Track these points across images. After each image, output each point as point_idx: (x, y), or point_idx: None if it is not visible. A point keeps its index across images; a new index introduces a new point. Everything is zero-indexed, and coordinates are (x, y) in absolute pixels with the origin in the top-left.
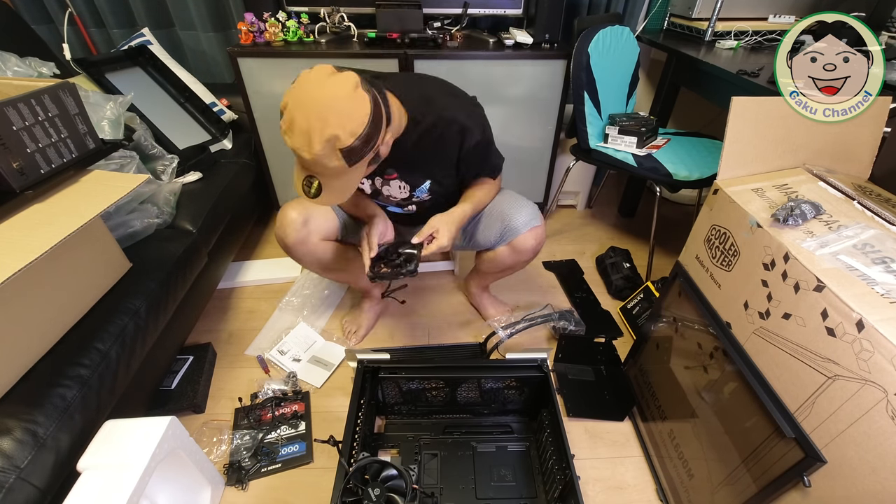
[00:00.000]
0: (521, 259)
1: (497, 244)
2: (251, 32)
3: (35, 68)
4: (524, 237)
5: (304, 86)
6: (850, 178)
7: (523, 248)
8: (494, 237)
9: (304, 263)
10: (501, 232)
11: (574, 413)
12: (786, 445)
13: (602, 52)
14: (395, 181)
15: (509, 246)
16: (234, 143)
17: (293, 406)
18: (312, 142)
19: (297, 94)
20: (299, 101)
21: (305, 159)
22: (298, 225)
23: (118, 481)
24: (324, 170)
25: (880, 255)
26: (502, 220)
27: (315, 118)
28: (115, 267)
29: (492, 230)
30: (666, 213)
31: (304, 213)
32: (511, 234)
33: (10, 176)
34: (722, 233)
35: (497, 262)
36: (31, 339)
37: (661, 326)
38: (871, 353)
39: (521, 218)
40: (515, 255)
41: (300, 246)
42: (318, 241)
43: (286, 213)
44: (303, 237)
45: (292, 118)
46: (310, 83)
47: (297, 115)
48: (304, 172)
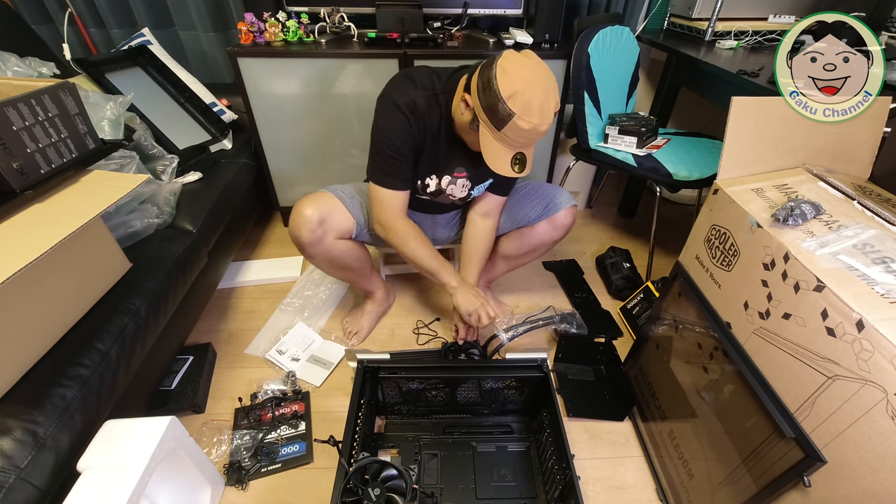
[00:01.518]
0: (555, 236)
1: (538, 219)
2: (251, 32)
3: (35, 68)
4: (565, 213)
5: (526, 69)
6: (850, 178)
7: (562, 223)
8: (536, 213)
9: (316, 262)
10: (545, 207)
11: (574, 413)
12: (786, 445)
13: (602, 52)
14: (461, 179)
15: (549, 221)
16: (234, 143)
17: (293, 406)
18: (549, 114)
19: (524, 79)
20: (531, 82)
21: (538, 133)
22: (314, 224)
23: (118, 481)
24: (537, 139)
25: (880, 255)
26: (545, 197)
27: (547, 92)
28: (115, 267)
29: (535, 206)
30: (666, 213)
31: (320, 212)
32: (553, 209)
33: (10, 176)
34: (722, 233)
35: (530, 238)
36: (31, 339)
37: (661, 326)
38: (871, 353)
39: (563, 196)
40: (551, 232)
41: (316, 245)
42: (333, 240)
43: (302, 211)
44: (319, 236)
45: (529, 101)
46: (529, 65)
47: (532, 96)
48: (516, 150)
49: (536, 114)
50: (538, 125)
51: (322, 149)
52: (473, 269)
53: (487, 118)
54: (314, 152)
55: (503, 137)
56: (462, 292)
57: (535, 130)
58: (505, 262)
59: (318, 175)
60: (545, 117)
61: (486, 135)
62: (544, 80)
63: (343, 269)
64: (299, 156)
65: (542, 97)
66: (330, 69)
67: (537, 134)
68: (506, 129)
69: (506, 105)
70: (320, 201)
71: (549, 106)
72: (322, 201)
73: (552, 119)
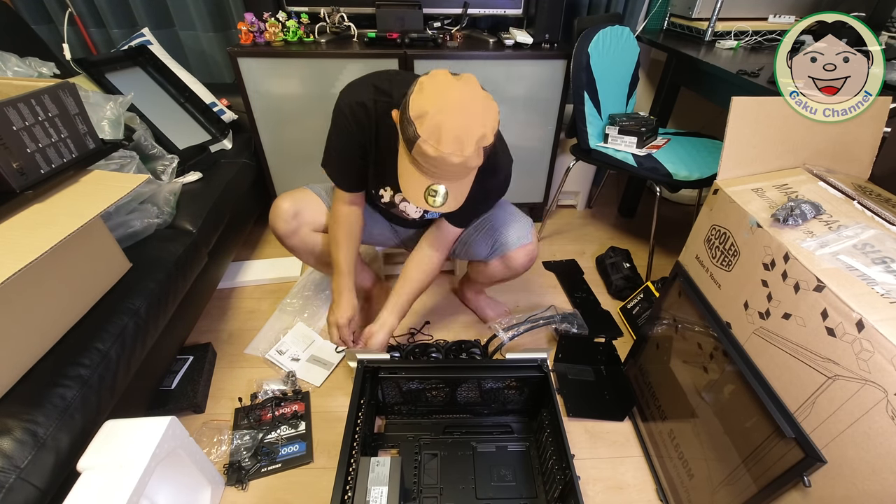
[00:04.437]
0: (513, 273)
1: (489, 257)
2: (251, 32)
3: (35, 68)
4: (515, 254)
5: (443, 91)
6: (850, 178)
7: (514, 264)
8: (486, 250)
9: (298, 254)
10: (493, 246)
11: (574, 413)
12: (786, 445)
13: (602, 52)
14: None
15: (501, 260)
16: (234, 143)
17: (293, 406)
18: (465, 144)
19: (437, 100)
20: (444, 106)
21: (451, 164)
22: (289, 216)
23: (118, 481)
24: (460, 172)
25: (880, 255)
26: (493, 234)
27: (468, 122)
28: (115, 267)
29: (484, 243)
30: (666, 213)
31: (295, 205)
32: (502, 249)
33: (10, 176)
34: (722, 233)
35: (488, 274)
36: (31, 339)
37: (661, 326)
38: (871, 353)
39: (513, 234)
40: (507, 270)
41: (292, 236)
42: (309, 232)
43: (278, 204)
44: (293, 228)
45: (438, 125)
46: (447, 87)
47: (444, 121)
48: (429, 181)
49: (448, 142)
50: (447, 155)
51: (322, 149)
52: (401, 300)
53: (402, 137)
54: (314, 152)
55: (416, 162)
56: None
57: (442, 160)
58: (480, 283)
59: (319, 175)
60: (460, 148)
61: (401, 155)
62: (469, 108)
63: (327, 264)
64: (299, 156)
65: (461, 125)
66: (330, 69)
67: (450, 165)
68: (414, 152)
69: (412, 125)
70: (296, 196)
71: (469, 137)
72: (298, 196)
73: (472, 152)
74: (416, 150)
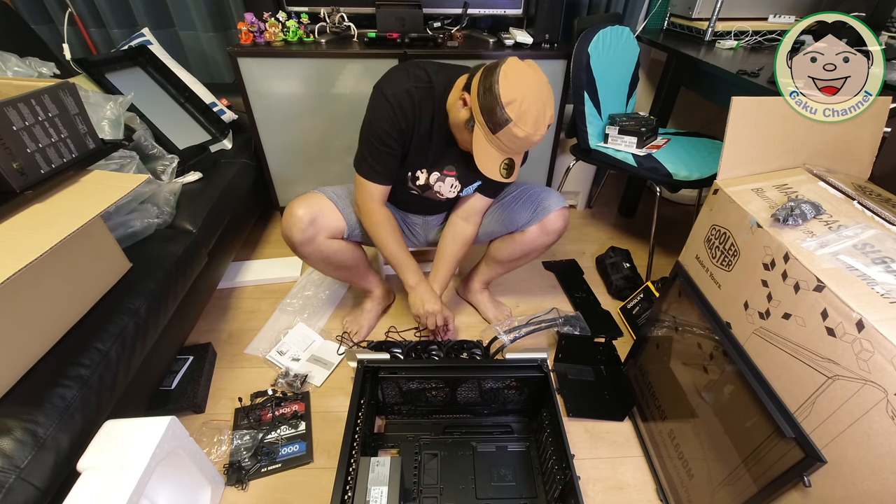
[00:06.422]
0: (546, 241)
1: (528, 224)
2: (251, 32)
3: (35, 68)
4: (555, 216)
5: (524, 79)
6: (850, 178)
7: (553, 227)
8: (526, 217)
9: (310, 261)
10: (534, 211)
11: (574, 413)
12: (786, 445)
13: (602, 52)
14: (450, 178)
15: (539, 225)
16: (234, 143)
17: (293, 406)
18: (543, 125)
19: (522, 87)
20: (529, 92)
21: (530, 142)
22: (305, 224)
23: (118, 481)
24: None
25: (880, 255)
26: (535, 201)
27: (544, 104)
28: (115, 267)
29: (524, 210)
30: (666, 213)
31: (311, 212)
32: (543, 212)
33: (10, 176)
34: (722, 233)
35: (521, 244)
36: (31, 339)
37: (660, 327)
38: (871, 353)
39: (553, 199)
40: (542, 237)
41: (307, 244)
42: (325, 240)
43: (293, 211)
44: (310, 236)
45: (525, 109)
46: (527, 75)
47: (530, 105)
48: (507, 156)
49: (531, 123)
50: (531, 134)
51: (322, 149)
52: (442, 273)
53: (484, 120)
54: (314, 152)
55: (496, 141)
56: (417, 293)
57: (528, 139)
58: (498, 265)
59: (318, 175)
60: (539, 128)
61: (479, 136)
62: (543, 92)
63: (338, 268)
64: (299, 156)
65: (540, 108)
66: (330, 69)
67: (529, 143)
68: (500, 134)
69: (504, 110)
70: (311, 201)
71: (545, 118)
72: (313, 201)
73: (545, 131)
74: (505, 132)
